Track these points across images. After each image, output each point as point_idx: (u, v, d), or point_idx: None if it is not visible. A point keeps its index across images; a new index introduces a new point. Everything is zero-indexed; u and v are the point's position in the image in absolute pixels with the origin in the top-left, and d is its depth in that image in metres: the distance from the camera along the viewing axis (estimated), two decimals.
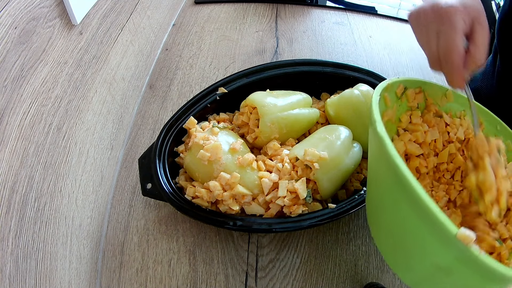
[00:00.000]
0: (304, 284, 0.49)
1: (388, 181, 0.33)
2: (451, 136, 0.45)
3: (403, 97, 0.44)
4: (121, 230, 0.54)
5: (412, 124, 0.45)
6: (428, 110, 0.46)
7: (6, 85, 0.38)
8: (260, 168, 0.52)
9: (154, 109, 0.70)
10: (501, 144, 0.40)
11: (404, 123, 0.45)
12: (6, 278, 0.36)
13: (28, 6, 0.41)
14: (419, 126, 0.44)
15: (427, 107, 0.46)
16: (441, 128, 0.45)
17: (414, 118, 0.45)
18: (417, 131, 0.44)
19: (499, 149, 0.40)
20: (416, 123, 0.44)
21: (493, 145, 0.39)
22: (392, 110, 0.43)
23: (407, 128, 0.45)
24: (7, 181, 0.38)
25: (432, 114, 0.46)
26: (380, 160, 0.34)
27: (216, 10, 0.96)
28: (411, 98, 0.45)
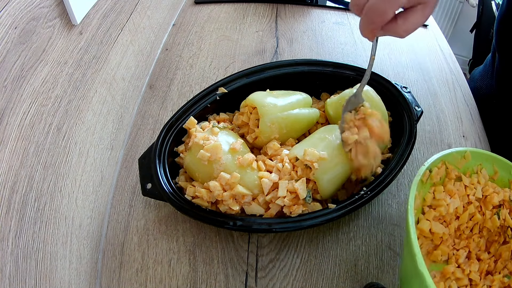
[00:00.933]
0: (304, 284, 0.49)
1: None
2: (470, 198, 0.49)
3: (428, 179, 0.48)
4: (121, 230, 0.54)
5: (436, 199, 0.49)
6: (449, 178, 0.50)
7: (6, 85, 0.38)
8: (260, 168, 0.52)
9: (154, 109, 0.70)
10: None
11: (428, 201, 0.49)
12: (6, 278, 0.36)
13: (28, 6, 0.41)
14: (442, 201, 0.48)
15: (448, 174, 0.50)
16: (461, 193, 0.50)
17: (437, 194, 0.49)
18: (441, 206, 0.48)
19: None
20: (439, 198, 0.48)
21: None
22: (419, 196, 0.47)
23: (431, 205, 0.49)
24: (7, 181, 0.38)
25: (452, 181, 0.50)
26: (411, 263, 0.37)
27: (216, 10, 0.96)
28: (435, 176, 0.49)
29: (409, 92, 0.65)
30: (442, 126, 0.69)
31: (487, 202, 0.49)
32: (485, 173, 0.51)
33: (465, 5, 1.81)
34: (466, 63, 1.40)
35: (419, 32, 0.93)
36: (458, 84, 0.79)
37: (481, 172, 0.51)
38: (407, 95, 0.61)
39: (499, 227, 0.48)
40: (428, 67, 0.82)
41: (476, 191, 0.49)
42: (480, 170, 0.51)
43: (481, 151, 0.51)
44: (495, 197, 0.49)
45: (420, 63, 0.83)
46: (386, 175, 0.51)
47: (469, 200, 0.50)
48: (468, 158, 0.50)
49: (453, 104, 0.74)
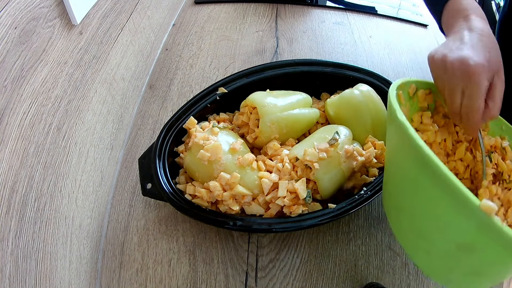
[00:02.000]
0: (304, 284, 0.49)
1: (409, 163, 0.34)
2: (459, 136, 0.46)
3: (414, 97, 0.45)
4: (121, 230, 0.54)
5: (423, 124, 0.46)
6: (437, 112, 0.47)
7: (6, 85, 0.38)
8: (260, 168, 0.52)
9: (154, 109, 0.70)
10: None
11: (415, 123, 0.46)
12: (6, 278, 0.36)
13: (28, 6, 0.41)
14: (430, 126, 0.45)
15: (436, 108, 0.47)
16: (450, 129, 0.46)
17: (424, 119, 0.46)
18: (427, 131, 0.45)
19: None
20: (427, 123, 0.46)
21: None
22: (406, 108, 0.44)
23: (418, 128, 0.46)
24: (7, 181, 0.38)
25: (441, 115, 0.47)
26: (400, 145, 0.35)
27: (216, 10, 0.96)
28: (422, 99, 0.46)
29: None
30: None
31: (477, 144, 0.46)
32: None
33: None
34: None
35: (419, 32, 0.93)
36: None
37: None
38: None
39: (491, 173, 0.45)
40: (428, 67, 0.81)
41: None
42: None
43: None
44: (486, 140, 0.46)
45: (420, 63, 0.83)
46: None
47: (459, 139, 0.47)
48: None
49: None
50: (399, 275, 0.50)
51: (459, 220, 0.29)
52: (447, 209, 0.30)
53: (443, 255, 0.34)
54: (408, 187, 0.36)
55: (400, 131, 0.33)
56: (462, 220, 0.29)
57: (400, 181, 0.38)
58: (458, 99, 0.39)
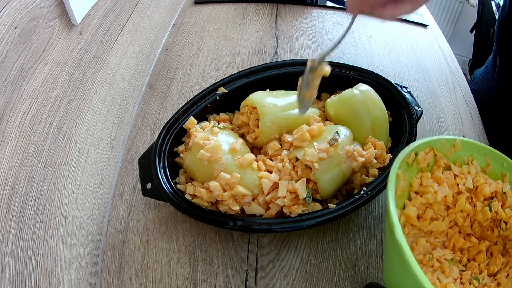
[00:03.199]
0: (304, 284, 0.49)
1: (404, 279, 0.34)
2: (460, 188, 0.47)
3: (413, 163, 0.46)
4: (121, 230, 0.54)
5: (422, 186, 0.46)
6: (438, 166, 0.47)
7: (6, 85, 0.38)
8: (260, 168, 0.52)
9: (154, 109, 0.70)
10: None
11: (415, 187, 0.46)
12: (6, 278, 0.36)
13: (28, 6, 0.41)
14: (430, 187, 0.46)
15: (436, 162, 0.48)
16: (450, 182, 0.47)
17: (424, 180, 0.46)
18: (427, 193, 0.45)
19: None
20: (427, 184, 0.46)
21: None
22: (405, 180, 0.45)
23: (418, 191, 0.46)
24: (7, 181, 0.38)
25: (441, 169, 0.47)
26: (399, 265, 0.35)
27: (216, 10, 0.96)
28: (422, 161, 0.46)
29: (409, 92, 0.64)
30: (442, 126, 0.70)
31: (478, 193, 0.47)
32: (476, 164, 0.48)
33: (465, 5, 1.81)
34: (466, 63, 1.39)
35: (419, 32, 0.93)
36: (458, 84, 0.79)
37: (472, 163, 0.48)
38: (407, 95, 0.61)
39: (491, 221, 0.46)
40: (428, 67, 0.82)
41: (467, 181, 0.46)
42: (471, 161, 0.48)
43: (472, 141, 0.48)
44: (487, 188, 0.46)
45: (420, 63, 0.83)
46: (386, 175, 0.51)
47: (459, 190, 0.47)
48: (458, 148, 0.47)
49: (453, 104, 0.74)
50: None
51: None
52: None
53: None
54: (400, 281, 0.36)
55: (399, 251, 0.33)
56: None
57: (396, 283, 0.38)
58: None
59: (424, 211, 0.46)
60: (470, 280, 0.43)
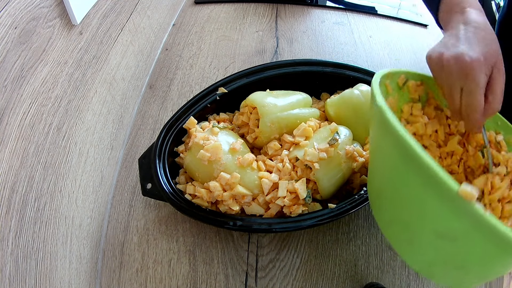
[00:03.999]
0: (304, 284, 0.49)
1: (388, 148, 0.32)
2: (452, 129, 0.45)
3: (404, 87, 0.44)
4: (121, 230, 0.54)
5: (413, 115, 0.44)
6: (429, 104, 0.46)
7: (6, 85, 0.38)
8: (260, 168, 0.52)
9: (154, 109, 0.70)
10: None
11: (405, 114, 0.44)
12: (6, 278, 0.36)
13: (28, 6, 0.41)
14: (420, 117, 0.44)
15: (428, 100, 0.46)
16: (442, 121, 0.45)
17: (414, 110, 0.44)
18: (417, 122, 0.43)
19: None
20: (417, 114, 0.44)
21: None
22: (394, 99, 0.43)
23: (407, 120, 0.45)
24: (7, 181, 0.38)
25: (432, 107, 0.45)
26: (379, 129, 0.33)
27: (216, 10, 0.96)
28: (413, 90, 0.44)
29: None
30: None
31: (470, 138, 0.44)
32: None
33: None
34: None
35: (419, 32, 0.93)
36: None
37: None
38: None
39: (483, 167, 0.44)
40: (428, 68, 0.81)
41: (459, 124, 0.44)
42: None
43: None
44: (480, 134, 0.43)
45: (420, 63, 0.83)
46: None
47: (451, 131, 0.45)
48: None
49: None
50: (399, 275, 0.50)
51: (438, 206, 0.27)
52: (426, 194, 0.28)
53: (424, 245, 0.32)
54: (387, 172, 0.34)
55: (379, 115, 0.31)
56: (441, 206, 0.27)
57: (380, 167, 0.36)
58: (457, 97, 0.39)
59: None
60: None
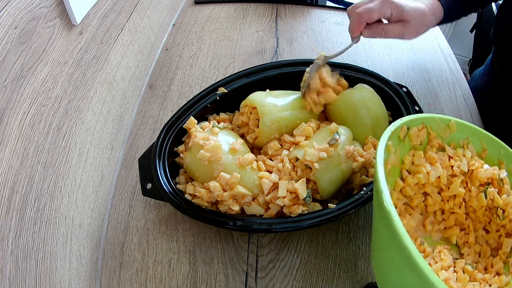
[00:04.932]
0: (304, 284, 0.49)
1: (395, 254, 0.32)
2: (454, 170, 0.44)
3: (406, 138, 0.44)
4: (121, 230, 0.54)
5: (415, 165, 0.44)
6: (431, 146, 0.46)
7: (6, 85, 0.38)
8: (260, 168, 0.52)
9: (154, 109, 0.70)
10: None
11: (407, 165, 0.44)
12: (6, 278, 0.36)
13: (28, 6, 0.41)
14: (422, 167, 0.43)
15: (430, 142, 0.46)
16: (444, 163, 0.44)
17: (416, 159, 0.44)
18: (419, 172, 0.43)
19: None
20: (419, 164, 0.44)
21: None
22: (396, 155, 0.43)
23: (409, 170, 0.44)
24: (7, 181, 0.38)
25: (435, 149, 0.45)
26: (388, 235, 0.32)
27: (216, 10, 0.96)
28: (414, 137, 0.44)
29: (409, 92, 0.65)
30: None
31: (473, 177, 0.44)
32: (472, 148, 0.45)
33: None
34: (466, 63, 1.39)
35: None
36: (458, 84, 0.79)
37: (467, 147, 0.45)
38: (407, 95, 0.61)
39: (486, 208, 0.43)
40: (428, 67, 0.82)
41: (462, 164, 0.44)
42: (467, 145, 0.45)
43: (468, 124, 0.45)
44: (483, 172, 0.43)
45: (420, 63, 0.83)
46: None
47: (454, 173, 0.44)
48: (453, 129, 0.45)
49: (453, 104, 0.74)
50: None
51: None
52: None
53: None
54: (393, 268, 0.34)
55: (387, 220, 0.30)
56: None
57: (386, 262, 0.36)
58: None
59: (415, 193, 0.44)
60: (463, 268, 0.40)
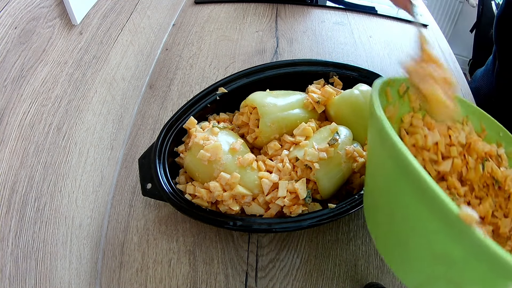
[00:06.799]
0: (304, 284, 0.49)
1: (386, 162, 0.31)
2: (452, 140, 0.44)
3: (405, 96, 0.43)
4: (121, 230, 0.54)
5: (413, 126, 0.44)
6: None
7: (6, 85, 0.38)
8: (260, 168, 0.52)
9: (154, 109, 0.70)
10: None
11: (405, 124, 0.44)
12: (6, 278, 0.36)
13: (28, 6, 0.41)
14: (420, 129, 0.43)
15: None
16: (442, 131, 0.44)
17: (415, 121, 0.43)
18: (417, 133, 0.43)
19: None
20: (417, 125, 0.43)
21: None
22: (394, 107, 0.42)
23: (407, 130, 0.44)
24: (7, 181, 0.38)
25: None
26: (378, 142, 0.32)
27: (216, 10, 0.96)
28: (413, 98, 0.44)
29: None
30: None
31: (471, 150, 0.43)
32: (471, 126, 0.45)
33: (465, 5, 1.81)
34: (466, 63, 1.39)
35: None
36: (458, 84, 0.79)
37: (467, 124, 0.45)
38: None
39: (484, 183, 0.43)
40: None
41: (460, 136, 0.43)
42: (466, 122, 0.45)
43: (468, 102, 0.45)
44: (481, 146, 0.42)
45: None
46: None
47: (451, 142, 0.43)
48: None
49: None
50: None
51: (436, 228, 0.26)
52: (423, 215, 0.27)
53: (420, 265, 0.31)
54: (385, 185, 0.34)
55: (378, 127, 0.30)
56: (439, 228, 0.26)
57: (378, 180, 0.35)
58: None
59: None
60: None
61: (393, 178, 0.31)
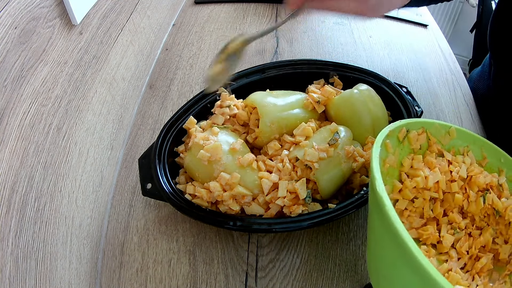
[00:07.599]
0: (304, 284, 0.49)
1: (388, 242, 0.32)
2: (453, 175, 0.44)
3: (404, 141, 0.44)
4: (121, 230, 0.54)
5: (413, 169, 0.44)
6: (431, 151, 0.46)
7: (6, 85, 0.38)
8: (260, 168, 0.52)
9: (154, 109, 0.70)
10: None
11: (406, 168, 0.44)
12: (6, 278, 0.36)
13: (28, 6, 0.41)
14: (420, 170, 0.43)
15: (430, 147, 0.46)
16: (443, 168, 0.44)
17: (415, 163, 0.44)
18: (418, 176, 0.43)
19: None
20: (418, 167, 0.44)
21: None
22: (394, 156, 0.43)
23: (408, 173, 0.44)
24: (7, 181, 0.38)
25: (434, 154, 0.45)
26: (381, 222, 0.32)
27: (216, 10, 0.96)
28: (414, 140, 0.44)
29: (409, 92, 0.65)
30: None
31: (472, 183, 0.44)
32: (472, 156, 0.45)
33: (465, 5, 1.81)
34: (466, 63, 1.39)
35: (419, 32, 0.93)
36: (458, 84, 0.79)
37: (467, 155, 0.45)
38: (407, 95, 0.61)
39: (484, 213, 0.43)
40: (428, 67, 0.82)
41: (461, 170, 0.44)
42: (467, 153, 0.46)
43: (468, 132, 0.45)
44: (482, 179, 0.43)
45: (420, 63, 0.83)
46: None
47: (452, 178, 0.44)
48: (453, 135, 0.45)
49: (453, 104, 0.74)
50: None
51: None
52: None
53: None
54: (387, 260, 0.34)
55: (380, 207, 0.30)
56: None
57: (379, 251, 0.35)
58: None
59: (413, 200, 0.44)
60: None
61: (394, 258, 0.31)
